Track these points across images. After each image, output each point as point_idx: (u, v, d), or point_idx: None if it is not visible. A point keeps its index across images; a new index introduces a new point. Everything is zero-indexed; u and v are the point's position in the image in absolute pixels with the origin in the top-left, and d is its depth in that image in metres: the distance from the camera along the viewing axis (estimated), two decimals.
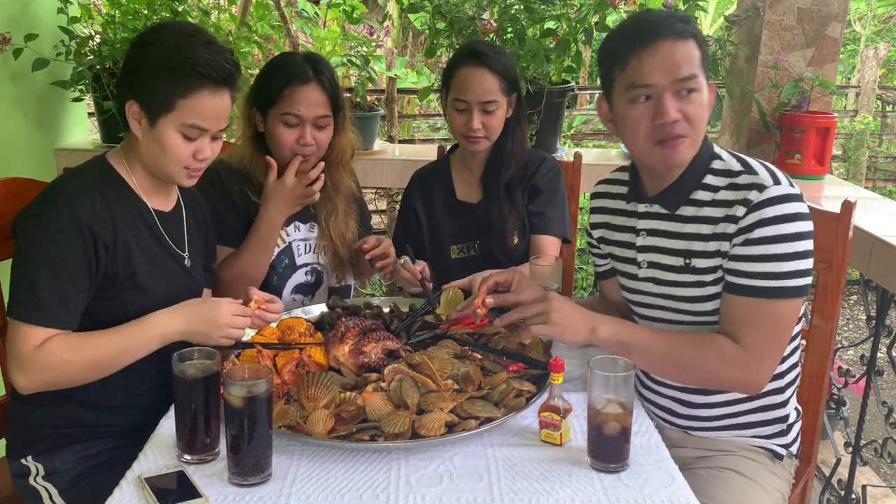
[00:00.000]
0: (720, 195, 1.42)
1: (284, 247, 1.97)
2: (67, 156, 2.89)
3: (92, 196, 1.47)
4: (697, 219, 1.45)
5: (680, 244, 1.47)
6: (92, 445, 1.55)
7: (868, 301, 2.38)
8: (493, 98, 1.97)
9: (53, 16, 2.75)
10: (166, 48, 1.46)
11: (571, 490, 1.19)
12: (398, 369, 1.43)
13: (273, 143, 1.87)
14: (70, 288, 1.42)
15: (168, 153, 1.48)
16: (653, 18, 1.40)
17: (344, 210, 2.02)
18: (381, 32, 3.30)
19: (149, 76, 1.45)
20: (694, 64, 1.36)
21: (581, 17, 2.71)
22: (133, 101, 1.47)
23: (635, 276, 1.57)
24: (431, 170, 2.21)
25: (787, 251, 1.34)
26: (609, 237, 1.64)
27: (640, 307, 1.60)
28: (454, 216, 2.12)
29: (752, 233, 1.36)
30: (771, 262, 1.35)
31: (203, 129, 1.48)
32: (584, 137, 8.61)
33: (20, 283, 1.42)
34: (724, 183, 1.42)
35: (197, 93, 1.45)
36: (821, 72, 2.90)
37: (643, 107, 1.38)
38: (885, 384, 4.11)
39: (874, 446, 2.32)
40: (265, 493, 1.18)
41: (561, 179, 2.11)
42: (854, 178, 7.03)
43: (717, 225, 1.41)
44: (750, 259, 1.36)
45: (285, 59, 1.91)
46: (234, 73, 1.49)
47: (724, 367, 1.38)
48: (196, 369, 1.26)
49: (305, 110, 1.82)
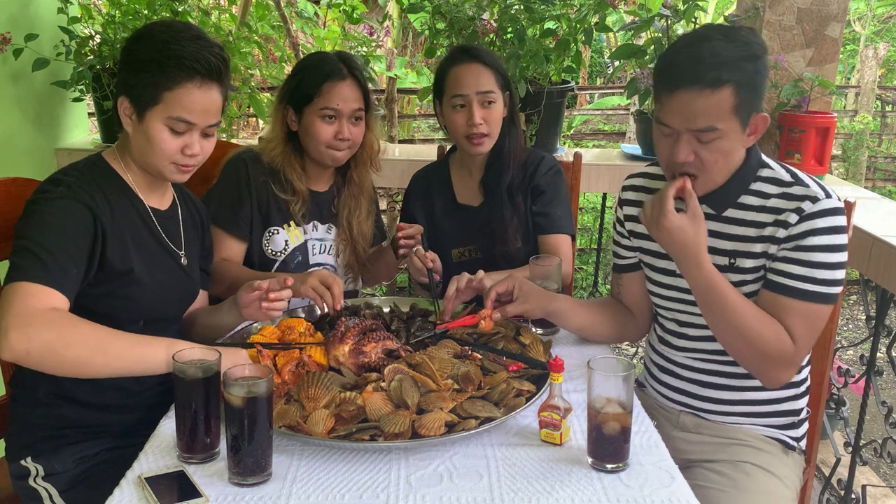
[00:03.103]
0: (771, 202, 1.48)
1: (300, 244, 1.99)
2: (67, 156, 2.89)
3: (91, 187, 1.47)
4: (744, 222, 1.50)
5: (726, 244, 1.52)
6: (91, 446, 1.55)
7: (868, 301, 2.38)
8: (491, 89, 1.98)
9: (53, 16, 2.75)
10: (154, 42, 1.47)
11: (571, 490, 1.19)
12: (398, 369, 1.43)
13: (310, 139, 1.91)
14: (70, 260, 1.39)
15: (155, 147, 1.48)
16: (689, 58, 1.37)
17: (367, 209, 2.06)
18: (381, 32, 3.30)
19: (137, 70, 1.47)
20: (717, 115, 1.37)
21: (581, 17, 2.72)
22: (124, 97, 1.49)
23: (672, 272, 1.59)
24: (431, 172, 2.21)
25: (833, 260, 1.43)
26: (644, 231, 1.62)
27: (671, 301, 1.62)
28: (455, 219, 2.12)
29: (804, 240, 1.43)
30: (819, 269, 1.43)
31: (189, 122, 1.47)
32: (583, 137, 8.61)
33: (21, 251, 1.36)
34: (776, 191, 1.48)
35: (183, 85, 1.45)
36: (820, 72, 2.90)
37: (666, 140, 1.45)
38: (885, 384, 4.11)
39: (874, 446, 2.32)
40: (265, 492, 1.19)
41: (562, 177, 2.11)
42: (854, 178, 7.04)
43: (764, 229, 1.47)
44: (801, 263, 1.43)
45: (321, 58, 1.97)
46: (220, 67, 1.49)
47: (776, 352, 1.45)
48: (196, 369, 1.26)
49: (343, 104, 1.88)
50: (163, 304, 1.58)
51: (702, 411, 1.62)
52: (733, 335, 1.48)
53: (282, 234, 1.96)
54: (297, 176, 1.94)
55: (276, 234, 1.96)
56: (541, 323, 1.78)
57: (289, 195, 1.94)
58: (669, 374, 1.66)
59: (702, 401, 1.61)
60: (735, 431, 1.59)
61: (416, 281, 1.97)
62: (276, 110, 1.96)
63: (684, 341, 1.62)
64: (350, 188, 2.02)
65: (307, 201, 1.97)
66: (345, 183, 2.04)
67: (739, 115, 1.39)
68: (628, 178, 1.74)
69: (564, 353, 1.50)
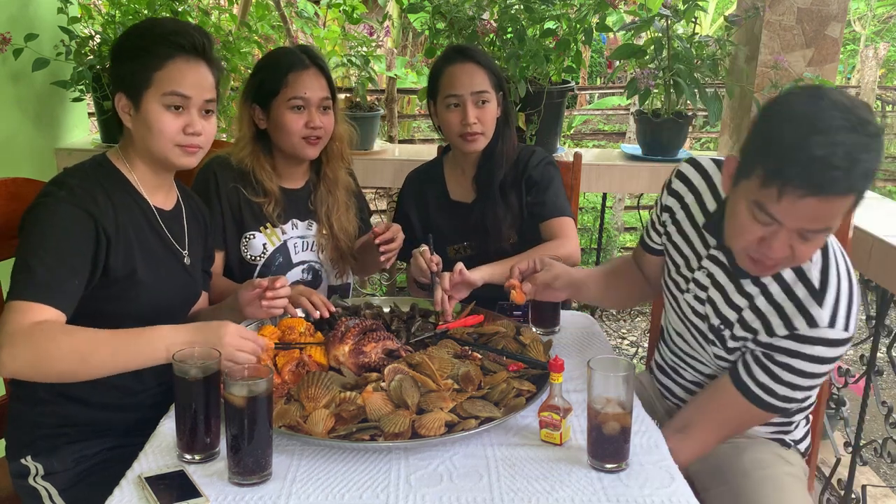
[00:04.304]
0: (777, 296, 1.37)
1: (279, 245, 1.97)
2: (67, 156, 2.89)
3: (94, 189, 1.47)
4: (752, 299, 1.41)
5: (727, 310, 1.45)
6: (91, 445, 1.55)
7: (868, 301, 2.38)
8: (485, 89, 1.98)
9: (53, 16, 2.75)
10: (137, 31, 1.53)
11: (571, 490, 1.19)
12: (398, 369, 1.43)
13: (281, 132, 1.89)
14: (69, 272, 1.40)
15: (155, 130, 1.48)
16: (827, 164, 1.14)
17: (345, 203, 2.04)
18: (381, 32, 3.30)
19: (125, 60, 1.50)
20: (835, 217, 1.20)
21: (581, 17, 2.71)
22: (119, 93, 1.50)
23: (681, 289, 1.56)
24: (424, 171, 2.21)
25: (802, 384, 1.38)
26: (673, 236, 1.58)
27: (675, 315, 1.61)
28: (448, 217, 2.12)
29: (781, 355, 1.36)
30: (784, 387, 1.38)
31: (183, 94, 1.48)
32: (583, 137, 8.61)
33: (19, 266, 1.39)
34: (790, 288, 1.36)
35: (171, 62, 1.48)
36: (820, 72, 2.90)
37: (760, 227, 1.25)
38: (885, 384, 4.11)
39: (874, 446, 2.32)
40: (265, 492, 1.19)
41: (555, 167, 2.10)
42: None
43: (757, 320, 1.40)
44: (768, 373, 1.38)
45: (282, 51, 1.97)
46: (205, 43, 1.51)
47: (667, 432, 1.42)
48: (197, 369, 1.26)
49: (311, 93, 1.87)
50: (166, 304, 1.58)
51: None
52: None
53: (259, 238, 1.94)
54: (267, 176, 1.92)
55: (253, 239, 1.94)
56: (541, 322, 1.78)
57: (261, 197, 1.92)
58: (666, 376, 1.67)
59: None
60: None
61: (414, 280, 1.97)
62: (241, 111, 1.93)
63: (681, 342, 1.62)
64: (325, 184, 2.00)
65: (280, 201, 1.94)
66: (319, 180, 2.01)
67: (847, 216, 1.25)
68: (684, 163, 1.58)
69: (564, 354, 1.51)
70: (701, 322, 1.51)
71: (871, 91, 7.59)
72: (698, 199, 1.52)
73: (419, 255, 1.86)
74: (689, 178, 1.55)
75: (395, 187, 3.41)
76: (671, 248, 1.60)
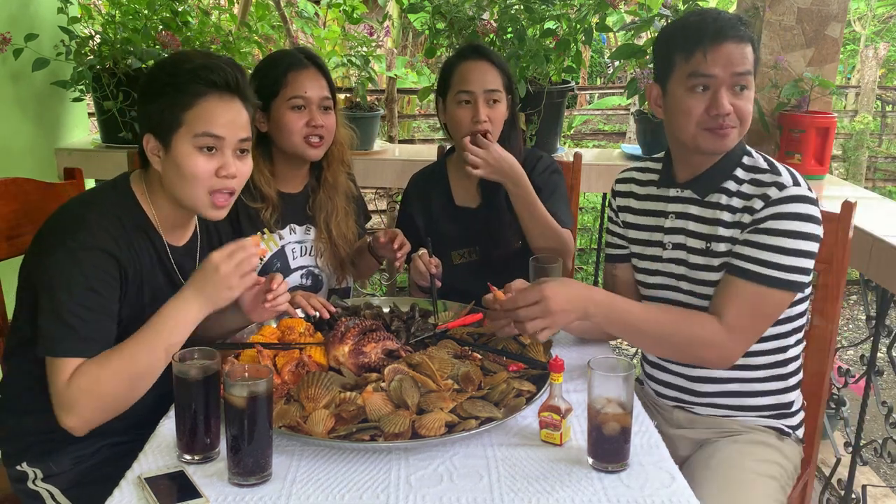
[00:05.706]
0: (743, 188, 1.53)
1: (277, 250, 1.96)
2: (67, 156, 2.88)
3: (115, 227, 1.43)
4: (722, 206, 1.54)
5: (704, 228, 1.56)
6: (87, 445, 1.53)
7: (868, 301, 2.38)
8: (497, 88, 1.97)
9: (53, 16, 2.75)
10: (165, 67, 1.46)
11: (571, 490, 1.19)
12: (398, 369, 1.43)
13: (283, 133, 1.88)
14: (107, 319, 1.38)
15: (187, 174, 1.41)
16: (721, 19, 1.48)
17: (344, 209, 2.02)
18: (381, 32, 3.29)
19: (153, 98, 1.43)
20: (749, 63, 1.48)
21: (581, 17, 2.71)
22: (148, 135, 1.44)
23: (658, 258, 1.64)
24: (428, 174, 2.19)
25: (791, 246, 1.44)
26: (634, 221, 1.71)
27: (654, 289, 1.67)
28: (454, 222, 2.10)
29: (764, 223, 1.46)
30: (774, 253, 1.44)
31: (216, 136, 1.42)
32: (584, 137, 8.61)
33: (50, 318, 1.35)
34: (749, 178, 1.53)
35: (202, 100, 1.41)
36: (821, 72, 2.90)
37: (700, 96, 1.48)
38: (885, 384, 4.11)
39: (874, 446, 2.32)
40: (265, 493, 1.18)
41: (560, 175, 2.10)
42: (854, 178, 7.04)
43: (735, 214, 1.52)
44: (755, 246, 1.47)
45: (279, 53, 1.99)
46: (238, 77, 1.44)
47: (700, 342, 1.47)
48: (196, 369, 1.26)
49: (311, 91, 1.87)
50: None
51: (691, 405, 1.65)
52: (658, 345, 1.53)
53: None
54: (265, 180, 1.90)
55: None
56: None
57: (258, 202, 1.91)
58: (659, 369, 1.69)
59: (690, 394, 1.64)
60: (729, 423, 1.62)
61: (414, 283, 1.97)
62: None
63: None
64: (325, 189, 1.98)
65: (277, 206, 1.93)
66: (319, 185, 2.00)
67: (754, 72, 1.49)
68: (623, 171, 1.79)
69: (564, 353, 1.50)
70: (688, 268, 1.58)
71: (871, 91, 7.60)
72: (644, 181, 1.71)
73: (418, 258, 1.86)
74: (629, 177, 1.76)
75: (395, 187, 3.42)
76: (639, 236, 1.69)
